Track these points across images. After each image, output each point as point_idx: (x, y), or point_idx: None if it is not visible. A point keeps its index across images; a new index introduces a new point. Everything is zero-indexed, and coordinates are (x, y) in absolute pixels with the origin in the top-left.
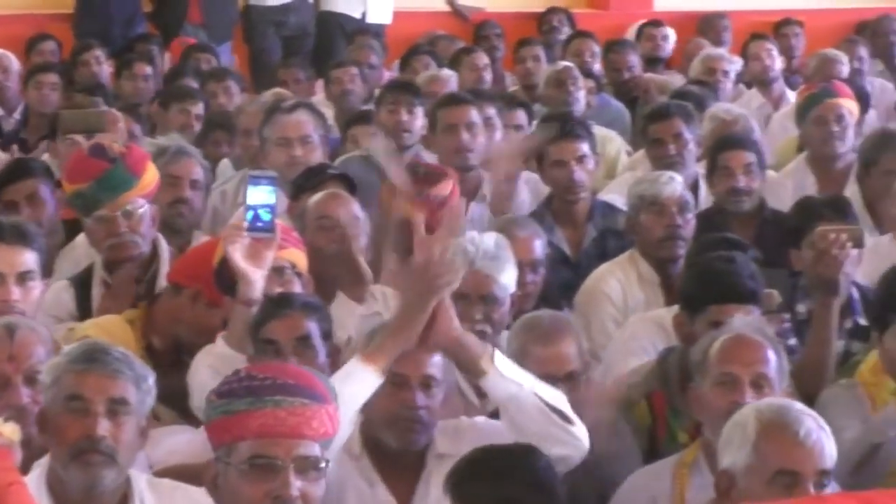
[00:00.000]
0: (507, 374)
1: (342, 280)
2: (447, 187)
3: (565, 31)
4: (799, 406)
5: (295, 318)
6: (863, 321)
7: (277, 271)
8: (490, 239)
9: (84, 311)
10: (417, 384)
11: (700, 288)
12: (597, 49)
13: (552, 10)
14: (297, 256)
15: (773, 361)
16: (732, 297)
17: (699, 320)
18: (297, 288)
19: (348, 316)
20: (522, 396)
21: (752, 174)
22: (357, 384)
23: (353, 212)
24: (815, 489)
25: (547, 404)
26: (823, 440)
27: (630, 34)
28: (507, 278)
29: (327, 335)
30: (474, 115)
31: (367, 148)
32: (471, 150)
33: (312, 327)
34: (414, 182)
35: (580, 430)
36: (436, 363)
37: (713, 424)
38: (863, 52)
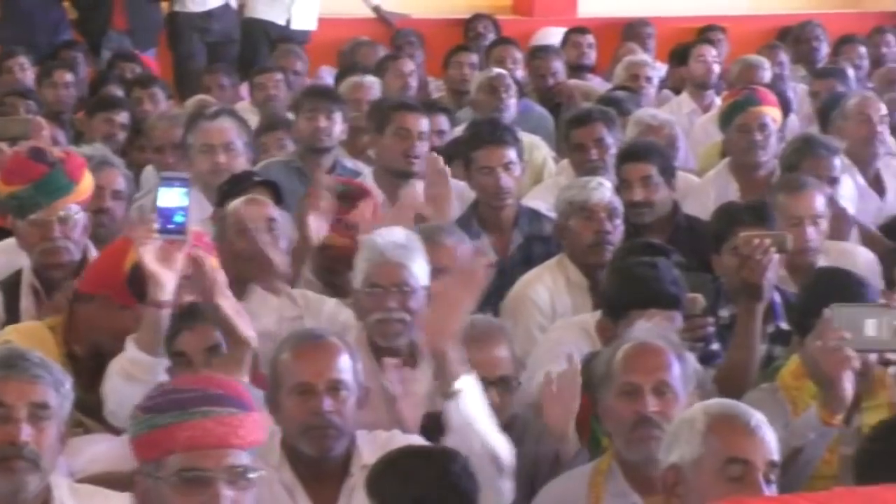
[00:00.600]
0: (470, 407)
1: (256, 274)
2: (368, 208)
3: (490, 38)
4: (745, 405)
5: (204, 329)
6: (785, 326)
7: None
8: (399, 231)
9: (12, 315)
10: (324, 390)
11: (622, 293)
12: (519, 55)
13: (477, 17)
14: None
15: (676, 367)
16: (654, 303)
17: (622, 325)
18: None
19: (264, 307)
20: (472, 434)
21: (650, 187)
22: None
23: (268, 214)
24: (765, 480)
25: (490, 451)
26: (770, 435)
27: (538, 40)
28: (419, 268)
29: None
30: (423, 123)
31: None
32: (418, 157)
33: (222, 337)
34: (336, 199)
35: (507, 485)
36: (343, 367)
37: (619, 434)
38: (783, 57)
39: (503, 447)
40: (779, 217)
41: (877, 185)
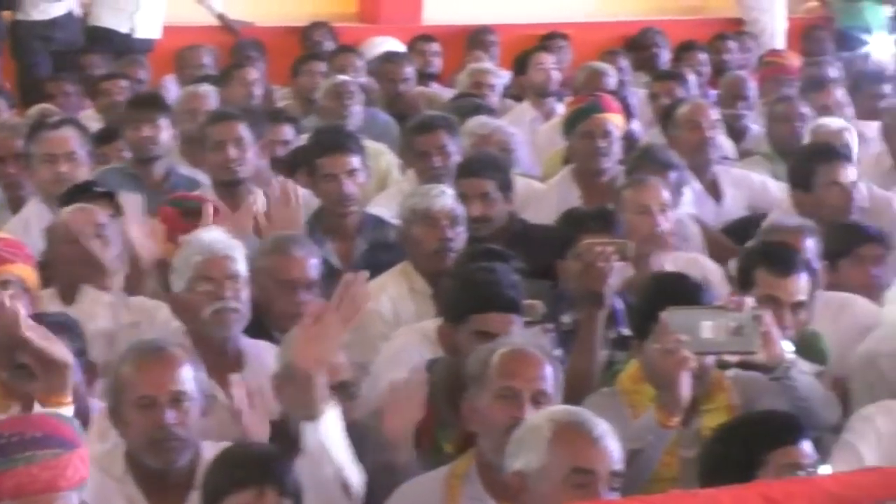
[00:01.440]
0: (330, 434)
1: (86, 277)
2: (207, 220)
3: (328, 46)
4: (591, 414)
5: None
6: (626, 331)
7: (3, 284)
8: (215, 230)
9: None
10: (167, 402)
11: (461, 297)
12: (360, 63)
13: (315, 25)
14: (26, 272)
15: (551, 377)
16: (493, 306)
17: (462, 330)
18: (23, 303)
19: (97, 306)
20: (326, 459)
21: (488, 202)
22: None
23: (95, 220)
24: (607, 490)
25: (342, 480)
26: (614, 444)
27: (370, 49)
28: (243, 262)
29: (81, 353)
30: (242, 129)
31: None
32: (240, 165)
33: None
34: (180, 216)
35: None
36: (184, 378)
37: (491, 437)
38: (624, 63)
39: (355, 477)
40: (626, 212)
41: (713, 190)
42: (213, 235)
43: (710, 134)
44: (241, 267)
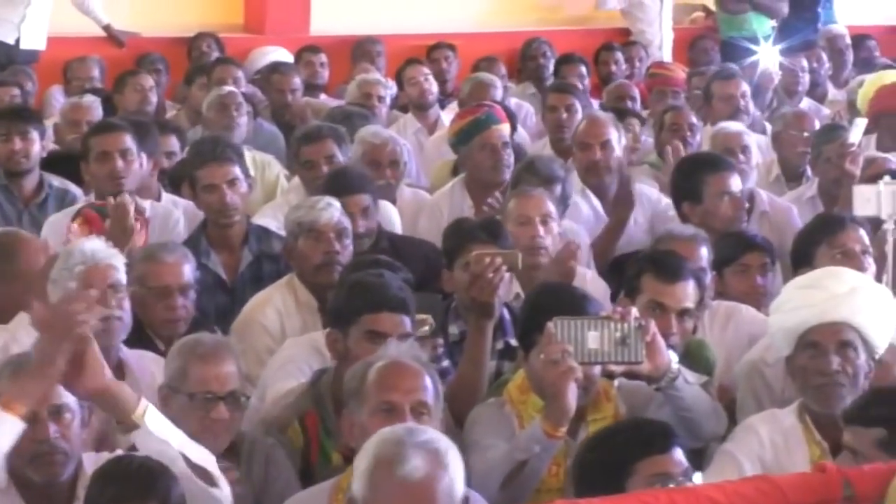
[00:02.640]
0: (156, 432)
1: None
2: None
3: (215, 56)
4: (421, 439)
5: None
6: (513, 342)
7: None
8: (94, 239)
9: None
10: (48, 416)
11: (350, 300)
12: (240, 74)
13: (201, 36)
14: None
15: (431, 388)
16: (383, 306)
17: (352, 332)
18: None
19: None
20: (170, 455)
21: (370, 217)
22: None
23: None
24: None
25: (192, 465)
26: (434, 477)
27: (254, 61)
28: (123, 268)
29: None
30: (128, 140)
31: None
32: (125, 177)
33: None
34: (102, 219)
35: (224, 493)
36: (63, 391)
37: None
38: (503, 72)
39: (206, 457)
40: (509, 222)
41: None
42: (94, 245)
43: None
44: (123, 276)
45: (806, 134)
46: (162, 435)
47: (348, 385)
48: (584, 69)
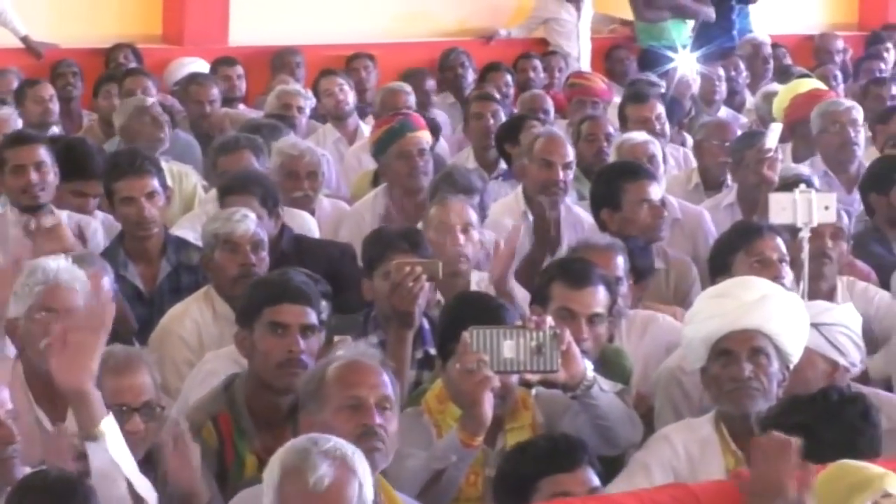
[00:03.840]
0: (112, 451)
1: None
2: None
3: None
4: (326, 447)
5: None
6: (433, 351)
7: None
8: (62, 258)
9: None
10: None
11: (254, 295)
12: (150, 84)
13: (118, 47)
14: None
15: (390, 382)
16: (283, 297)
17: (257, 328)
18: None
19: None
20: (118, 475)
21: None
22: None
23: None
24: None
25: (135, 493)
26: (341, 483)
27: (173, 72)
28: (84, 290)
29: None
30: (42, 153)
31: None
32: (42, 190)
33: None
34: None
35: None
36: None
37: None
38: (431, 82)
39: (148, 490)
40: (429, 230)
41: (556, 230)
42: (59, 264)
43: (562, 175)
44: (82, 299)
45: (727, 143)
46: (116, 456)
47: (305, 388)
48: (509, 78)
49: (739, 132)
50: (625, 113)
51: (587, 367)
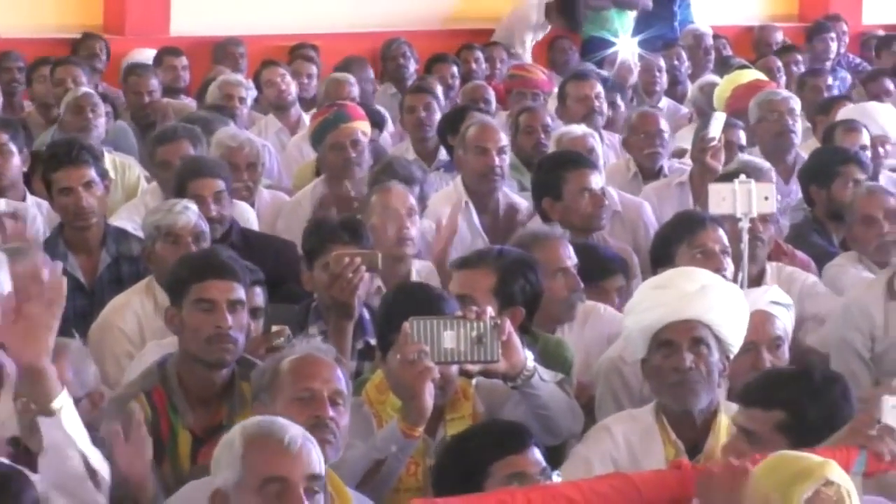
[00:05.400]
0: (67, 427)
1: None
2: None
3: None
4: (283, 421)
5: None
6: (374, 342)
7: None
8: None
9: None
10: None
11: (180, 272)
12: (81, 73)
13: (89, 36)
14: None
15: (343, 378)
16: (209, 273)
17: (185, 305)
18: None
19: None
20: (72, 451)
21: (221, 201)
22: None
23: None
24: (308, 494)
25: (90, 468)
26: (310, 447)
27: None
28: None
29: None
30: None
31: None
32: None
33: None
34: None
35: (103, 498)
36: None
37: None
38: (370, 72)
39: (101, 462)
40: (373, 216)
41: (495, 218)
42: None
43: (497, 161)
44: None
45: (652, 133)
46: (71, 431)
47: (258, 380)
48: (455, 69)
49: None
50: (565, 91)
51: (528, 357)
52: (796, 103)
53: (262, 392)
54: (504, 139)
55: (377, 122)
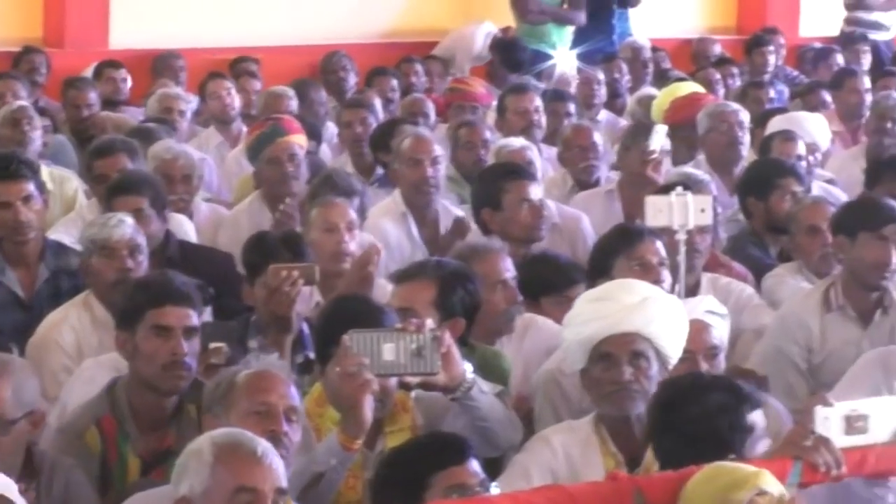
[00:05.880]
0: None
1: None
2: None
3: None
4: (251, 433)
5: None
6: (312, 355)
7: None
8: None
9: None
10: None
11: (136, 297)
12: (20, 87)
13: (29, 49)
14: None
15: (297, 395)
16: (166, 299)
17: (139, 330)
18: None
19: None
20: None
21: (143, 219)
22: None
23: None
24: None
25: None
26: (278, 461)
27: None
28: None
29: None
30: None
31: None
32: None
33: None
34: None
35: None
36: None
37: None
38: (323, 96)
39: (6, 482)
40: (313, 230)
41: (434, 230)
42: None
43: (430, 171)
44: None
45: (587, 146)
46: None
47: (212, 393)
48: (395, 82)
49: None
50: (504, 104)
51: (466, 369)
52: (745, 116)
53: (216, 405)
54: (438, 150)
55: (314, 135)
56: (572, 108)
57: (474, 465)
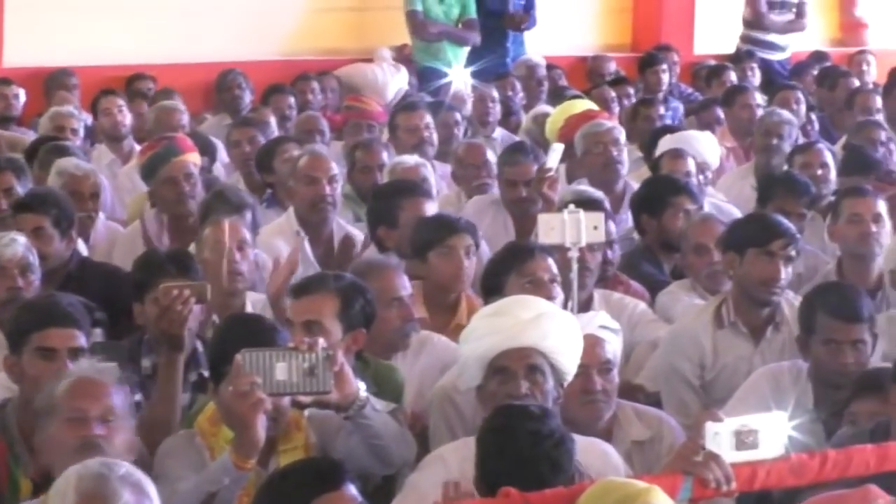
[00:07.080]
0: None
1: None
2: None
3: None
4: (121, 473)
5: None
6: (206, 373)
7: None
8: None
9: None
10: None
11: (20, 320)
12: None
13: None
14: None
15: (119, 400)
16: (50, 322)
17: (25, 353)
18: None
19: None
20: None
21: (43, 238)
22: None
23: None
24: None
25: None
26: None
27: None
28: None
29: None
30: None
31: None
32: None
33: None
34: None
35: None
36: None
37: (63, 462)
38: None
39: None
40: (205, 250)
41: (329, 248)
42: None
43: (327, 189)
44: None
45: (479, 164)
46: None
47: (40, 403)
48: (292, 100)
49: None
50: (395, 122)
51: (360, 388)
52: (620, 133)
53: (43, 417)
54: (334, 168)
55: (208, 152)
56: (460, 120)
57: (351, 489)
